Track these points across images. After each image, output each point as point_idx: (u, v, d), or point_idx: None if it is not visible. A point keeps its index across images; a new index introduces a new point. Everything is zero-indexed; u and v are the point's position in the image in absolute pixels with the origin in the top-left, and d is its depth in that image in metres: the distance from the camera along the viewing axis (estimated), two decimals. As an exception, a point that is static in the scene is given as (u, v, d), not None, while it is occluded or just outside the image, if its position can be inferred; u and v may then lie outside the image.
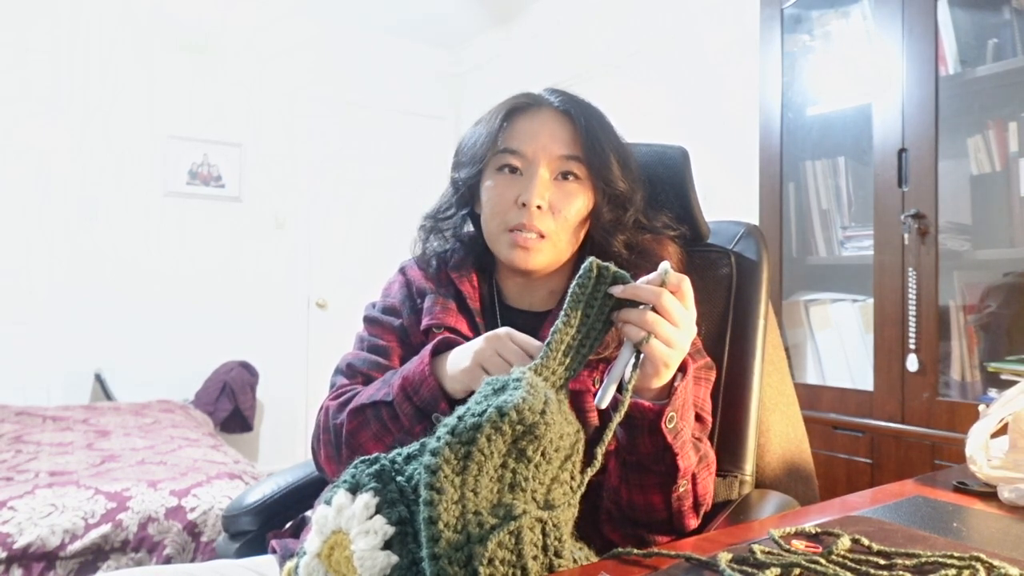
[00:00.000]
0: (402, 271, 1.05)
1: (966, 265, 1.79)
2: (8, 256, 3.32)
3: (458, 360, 0.79)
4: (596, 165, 0.91)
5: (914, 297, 1.73)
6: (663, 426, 0.72)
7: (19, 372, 3.32)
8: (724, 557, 0.57)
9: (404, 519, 0.58)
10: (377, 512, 0.58)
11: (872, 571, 0.55)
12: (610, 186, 0.92)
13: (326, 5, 3.85)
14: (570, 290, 0.70)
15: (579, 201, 0.91)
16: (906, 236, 1.74)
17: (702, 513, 0.85)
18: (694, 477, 0.80)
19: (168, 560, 1.76)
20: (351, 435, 0.85)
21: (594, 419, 0.86)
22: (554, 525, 0.57)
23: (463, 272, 0.98)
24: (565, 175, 0.91)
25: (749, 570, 0.54)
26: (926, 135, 1.72)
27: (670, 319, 0.68)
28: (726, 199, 2.52)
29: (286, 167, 3.96)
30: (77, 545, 1.70)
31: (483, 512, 0.55)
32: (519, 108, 0.94)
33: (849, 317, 1.95)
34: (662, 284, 0.69)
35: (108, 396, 3.41)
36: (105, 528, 1.74)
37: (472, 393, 0.78)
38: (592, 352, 0.70)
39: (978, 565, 0.55)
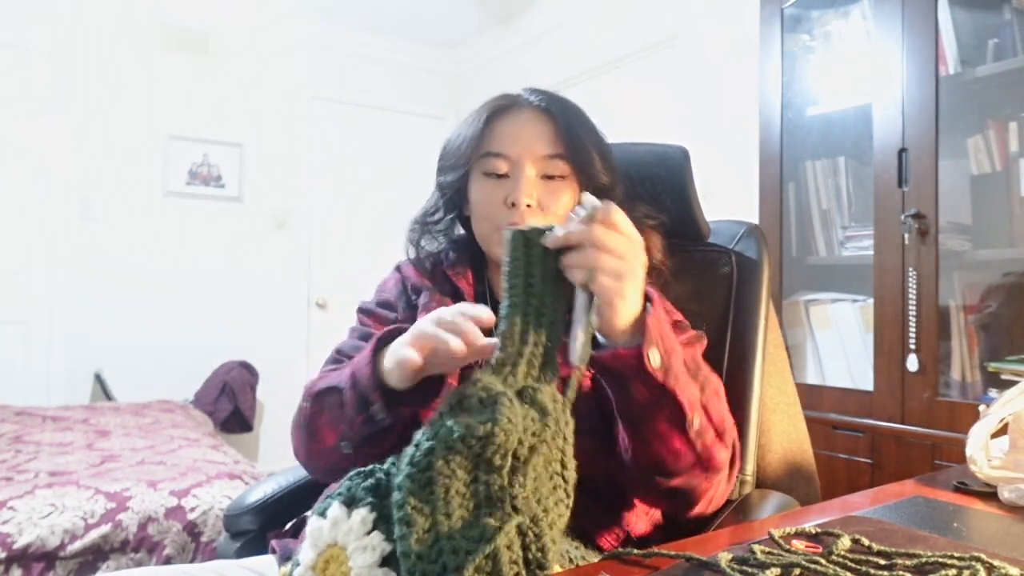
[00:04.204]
0: (398, 269, 1.07)
1: (966, 265, 1.79)
2: (8, 256, 3.32)
3: (394, 351, 0.74)
4: (579, 161, 0.92)
5: (914, 297, 1.73)
6: (648, 366, 0.69)
7: (19, 372, 3.32)
8: (724, 557, 0.57)
9: None
10: (374, 528, 0.57)
11: (872, 571, 0.55)
12: (593, 180, 0.93)
13: (326, 5, 3.85)
14: (503, 269, 0.67)
15: (566, 197, 0.92)
16: (906, 236, 1.74)
17: (731, 443, 0.82)
18: (705, 408, 0.77)
19: (168, 560, 1.76)
20: (310, 419, 0.85)
21: (583, 404, 0.86)
22: (535, 536, 0.56)
23: (459, 270, 0.99)
24: (550, 174, 0.92)
25: (749, 570, 0.54)
26: (926, 135, 1.72)
27: (609, 251, 0.65)
28: (726, 199, 2.52)
29: (286, 167, 3.96)
30: (77, 545, 1.70)
31: (456, 536, 0.53)
32: (500, 110, 0.95)
33: (849, 317, 1.95)
34: (591, 220, 0.66)
35: (108, 396, 3.41)
36: (105, 528, 1.74)
37: (418, 388, 0.74)
38: (562, 314, 0.66)
39: (978, 565, 0.55)
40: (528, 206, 0.90)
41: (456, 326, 0.68)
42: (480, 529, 0.53)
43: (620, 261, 0.66)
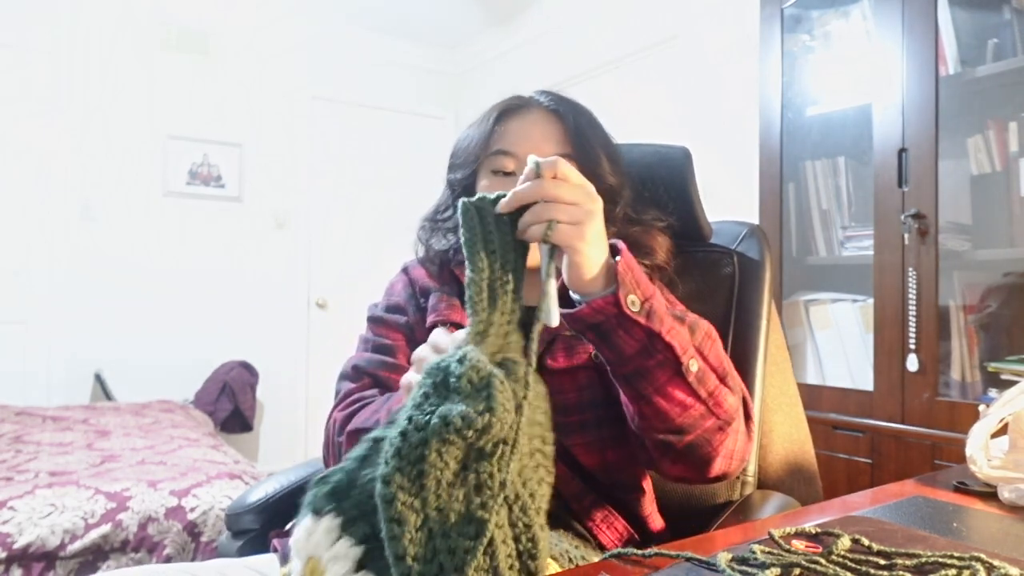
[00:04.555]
0: (405, 271, 1.07)
1: (966, 265, 1.79)
2: (8, 256, 3.32)
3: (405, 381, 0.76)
4: (586, 162, 0.92)
5: (914, 297, 1.73)
6: (628, 310, 0.68)
7: (19, 372, 3.32)
8: (724, 557, 0.57)
9: (369, 535, 0.55)
10: (342, 534, 0.56)
11: (872, 571, 0.55)
12: (600, 182, 0.92)
13: (326, 5, 3.85)
14: (461, 240, 0.67)
15: None
16: (906, 236, 1.74)
17: (738, 389, 0.81)
18: (700, 351, 0.76)
19: (168, 560, 1.76)
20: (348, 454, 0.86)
21: (589, 395, 0.86)
22: (525, 526, 0.54)
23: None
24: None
25: (749, 570, 0.54)
26: (926, 135, 1.72)
27: (562, 200, 0.65)
28: (726, 199, 2.52)
29: (286, 167, 3.96)
30: (77, 545, 1.70)
31: (452, 534, 0.51)
32: (510, 110, 0.96)
33: (849, 317, 1.95)
34: (537, 176, 0.66)
35: (108, 396, 3.41)
36: (105, 528, 1.74)
37: None
38: (522, 281, 0.66)
39: (978, 565, 0.55)
40: None
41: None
42: (476, 525, 0.51)
43: (574, 208, 0.66)
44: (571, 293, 0.72)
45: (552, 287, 0.65)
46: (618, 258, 0.69)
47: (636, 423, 0.80)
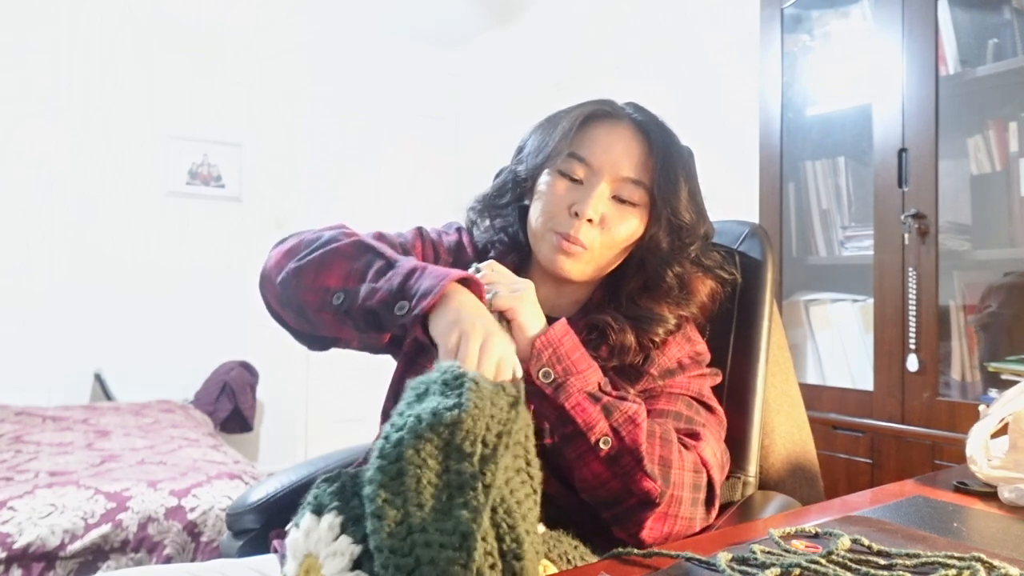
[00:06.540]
0: (459, 231, 1.03)
1: (966, 265, 1.79)
2: (8, 256, 3.32)
3: (456, 317, 0.70)
4: (664, 192, 0.89)
5: (914, 297, 1.73)
6: (536, 380, 0.74)
7: (19, 372, 3.32)
8: (724, 557, 0.57)
9: (368, 536, 0.56)
10: (343, 532, 0.57)
11: (872, 571, 0.55)
12: (676, 216, 0.90)
13: (326, 5, 3.85)
14: None
15: (632, 223, 0.90)
16: (906, 236, 1.74)
17: (664, 476, 0.77)
18: (616, 432, 0.75)
19: (168, 560, 1.76)
20: (334, 251, 0.82)
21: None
22: (509, 527, 0.55)
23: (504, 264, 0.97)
24: (623, 198, 0.89)
25: (749, 570, 0.54)
26: (926, 135, 1.72)
27: (492, 283, 0.79)
28: (726, 199, 2.52)
29: (286, 167, 3.96)
30: (77, 545, 1.71)
31: (429, 528, 0.53)
32: (598, 116, 0.92)
33: (849, 317, 1.95)
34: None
35: (108, 396, 3.41)
36: (105, 528, 1.74)
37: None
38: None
39: (978, 565, 0.55)
40: (590, 220, 0.87)
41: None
42: (453, 521, 0.53)
43: (512, 283, 0.79)
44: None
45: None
46: (545, 330, 0.76)
47: (577, 487, 0.82)
